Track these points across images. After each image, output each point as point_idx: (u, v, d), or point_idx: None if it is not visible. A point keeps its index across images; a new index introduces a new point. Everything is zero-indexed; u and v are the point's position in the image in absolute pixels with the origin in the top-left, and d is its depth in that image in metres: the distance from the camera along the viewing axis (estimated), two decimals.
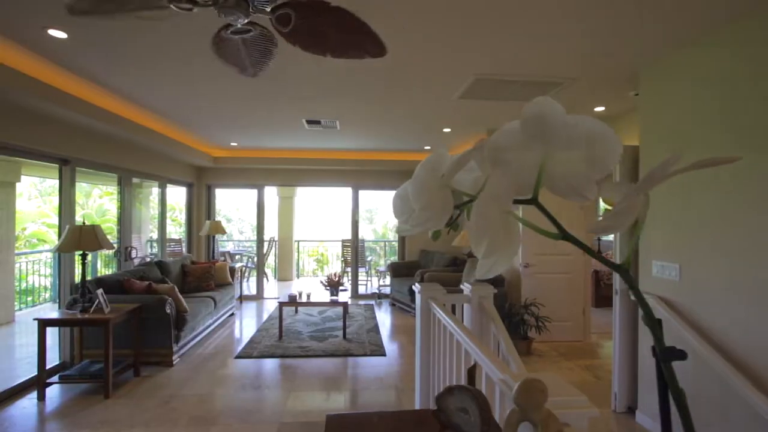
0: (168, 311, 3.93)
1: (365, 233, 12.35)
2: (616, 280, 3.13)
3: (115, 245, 4.97)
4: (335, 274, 5.39)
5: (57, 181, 3.87)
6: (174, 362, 4.04)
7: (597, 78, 3.20)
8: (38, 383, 3.27)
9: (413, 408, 2.90)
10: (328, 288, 5.33)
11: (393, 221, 16.43)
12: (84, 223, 3.56)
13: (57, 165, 3.93)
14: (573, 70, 3.07)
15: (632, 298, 2.89)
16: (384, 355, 4.38)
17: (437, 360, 2.50)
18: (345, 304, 5.02)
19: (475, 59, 2.88)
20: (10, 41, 2.57)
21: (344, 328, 4.99)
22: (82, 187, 9.23)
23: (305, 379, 3.78)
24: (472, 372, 1.03)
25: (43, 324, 3.30)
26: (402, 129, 4.99)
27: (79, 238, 3.39)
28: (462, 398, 1.06)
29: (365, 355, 4.37)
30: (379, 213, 16.36)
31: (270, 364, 4.13)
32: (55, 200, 9.62)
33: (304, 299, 5.11)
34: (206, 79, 3.29)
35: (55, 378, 3.36)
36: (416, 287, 2.72)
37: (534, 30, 2.43)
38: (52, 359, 3.95)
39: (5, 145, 3.28)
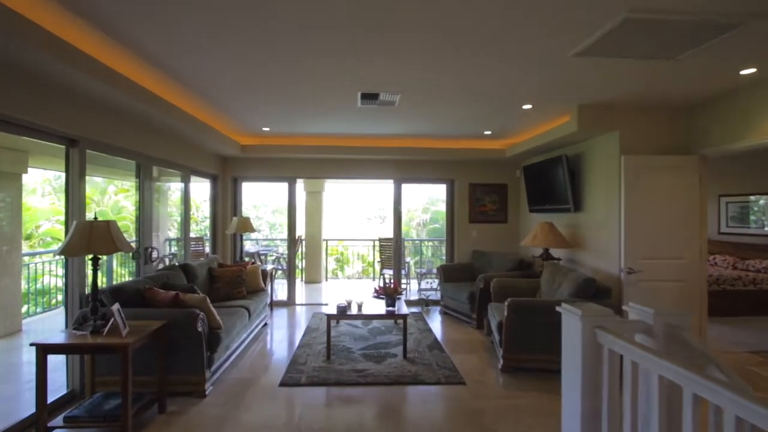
0: (200, 329, 3.14)
1: (384, 232, 11.40)
2: None
3: (133, 245, 4.20)
4: (390, 280, 4.55)
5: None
6: (207, 392, 3.24)
7: None
8: (37, 427, 2.49)
9: None
10: (381, 297, 4.49)
11: (417, 218, 15.43)
12: (96, 218, 2.77)
13: (63, 146, 3.15)
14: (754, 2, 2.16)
15: None
16: (463, 383, 3.52)
17: (622, 424, 1.64)
18: (405, 317, 4.18)
19: None
20: None
21: (404, 345, 4.15)
22: (96, 183, 8.60)
23: (376, 418, 2.95)
24: None
25: (43, 350, 2.51)
26: (471, 105, 4.10)
27: (89, 238, 2.60)
28: None
29: (439, 383, 3.51)
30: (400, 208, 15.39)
31: (324, 395, 3.31)
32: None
33: (354, 309, 4.29)
34: (250, 40, 2.47)
35: (59, 420, 2.57)
36: (575, 311, 1.86)
37: None
38: (59, 387, 3.19)
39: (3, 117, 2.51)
